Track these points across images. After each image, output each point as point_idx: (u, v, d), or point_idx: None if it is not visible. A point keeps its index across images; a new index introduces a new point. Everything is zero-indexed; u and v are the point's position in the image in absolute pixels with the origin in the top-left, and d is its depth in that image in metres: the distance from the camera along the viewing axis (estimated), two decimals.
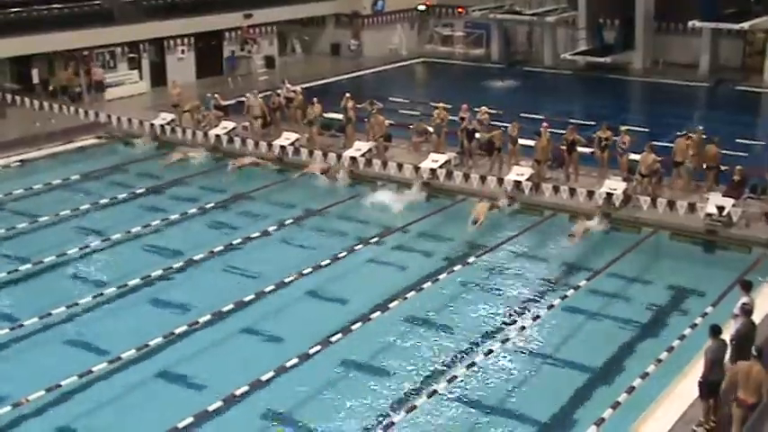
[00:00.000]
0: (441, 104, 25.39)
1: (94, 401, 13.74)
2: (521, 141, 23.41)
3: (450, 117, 24.86)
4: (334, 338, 15.29)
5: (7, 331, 15.60)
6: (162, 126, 27.33)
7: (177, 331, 15.59)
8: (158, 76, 33.96)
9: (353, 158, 24.02)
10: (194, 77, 34.97)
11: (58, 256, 18.93)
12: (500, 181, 22.07)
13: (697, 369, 12.66)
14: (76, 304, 16.63)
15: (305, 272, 18.03)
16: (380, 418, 13.19)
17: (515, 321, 16.26)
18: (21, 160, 25.68)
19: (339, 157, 24.04)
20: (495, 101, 28.10)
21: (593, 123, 24.79)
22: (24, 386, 13.60)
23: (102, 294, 17.14)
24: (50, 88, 30.79)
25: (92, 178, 24.40)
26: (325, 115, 26.84)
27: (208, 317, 16.09)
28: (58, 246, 19.40)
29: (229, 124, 26.84)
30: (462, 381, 14.20)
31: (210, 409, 13.14)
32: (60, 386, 13.72)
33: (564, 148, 22.47)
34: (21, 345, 15.45)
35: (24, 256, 18.97)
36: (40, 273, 18.36)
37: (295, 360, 14.53)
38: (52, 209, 21.72)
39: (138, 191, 23.28)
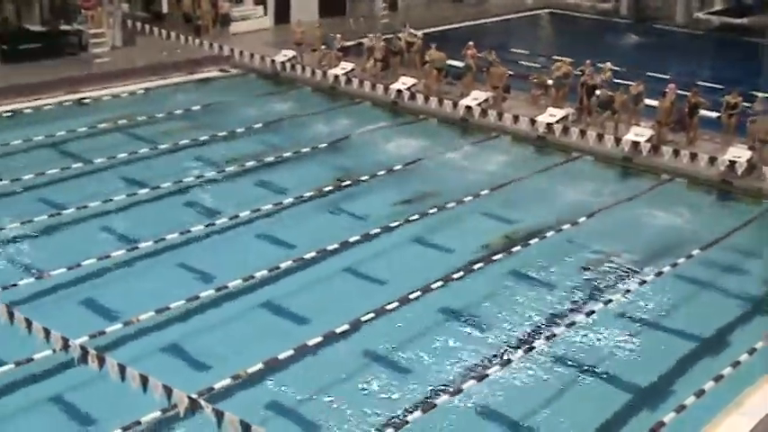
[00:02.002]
0: (563, 59, 24.83)
1: (200, 326, 14.22)
2: (642, 102, 22.73)
3: (576, 73, 24.32)
4: (434, 285, 15.36)
5: (123, 252, 16.29)
6: (282, 63, 27.67)
7: (282, 266, 15.94)
8: (282, 13, 34.26)
9: (469, 107, 23.80)
10: (317, 16, 35.11)
11: (174, 183, 19.58)
12: (617, 141, 21.52)
13: None
14: (189, 231, 17.20)
15: (411, 218, 18.11)
16: (474, 369, 13.23)
17: (620, 284, 15.96)
18: (146, 88, 26.48)
19: (455, 105, 23.85)
20: (620, 58, 27.28)
21: (721, 87, 23.79)
22: (136, 306, 14.20)
23: (213, 224, 17.66)
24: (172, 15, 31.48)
25: (211, 110, 24.97)
26: (445, 62, 26.59)
27: (313, 254, 16.40)
28: (175, 173, 20.05)
29: (348, 65, 26.97)
30: (561, 339, 14.07)
31: (310, 343, 13.45)
32: (169, 308, 14.27)
33: (687, 110, 21.71)
34: (135, 266, 16.09)
35: (143, 181, 19.68)
36: (157, 198, 19.02)
37: (395, 304, 14.70)
38: (172, 137, 22.40)
39: (256, 126, 23.72)
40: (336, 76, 26.48)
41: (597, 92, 23.30)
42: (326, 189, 19.62)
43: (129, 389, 10.92)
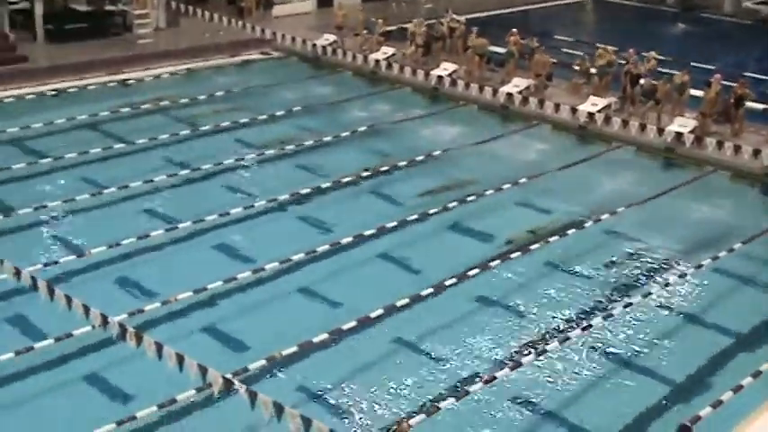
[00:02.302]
0: (606, 47, 24.53)
1: (237, 307, 14.34)
2: (687, 92, 22.39)
3: (619, 61, 24.01)
4: (470, 273, 15.32)
5: (163, 232, 16.45)
6: (324, 46, 27.68)
7: (319, 250, 16.00)
8: None
9: (509, 95, 23.62)
10: (359, 0, 35.04)
11: (214, 164, 19.70)
12: (660, 131, 21.23)
13: None
14: (228, 213, 17.32)
15: (449, 205, 18.06)
16: (509, 358, 13.19)
17: (659, 277, 15.79)
18: (188, 69, 26.65)
19: (495, 92, 23.69)
20: (665, 46, 26.87)
21: None
22: (174, 285, 14.35)
23: (252, 206, 17.75)
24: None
25: (252, 93, 25.06)
26: (487, 48, 26.41)
27: (349, 239, 16.43)
28: (214, 155, 20.17)
29: (389, 50, 26.90)
30: (597, 330, 13.97)
31: (344, 328, 13.49)
32: (207, 289, 14.40)
33: (732, 102, 21.34)
34: (174, 246, 16.25)
35: (184, 162, 19.85)
36: (196, 179, 19.17)
37: (430, 290, 14.69)
38: (212, 119, 22.54)
39: (295, 109, 23.77)
40: (377, 61, 26.42)
41: (641, 81, 22.99)
42: (365, 174, 19.62)
43: (165, 367, 11.06)
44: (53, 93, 23.89)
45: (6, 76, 24.13)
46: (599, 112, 22.33)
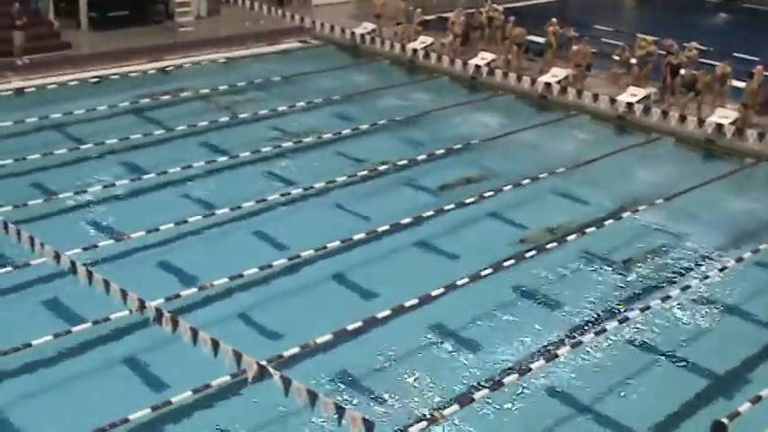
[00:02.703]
0: (647, 37, 24.11)
1: (272, 293, 14.28)
2: (729, 83, 21.93)
3: (659, 51, 23.60)
4: (506, 263, 15.11)
5: (200, 218, 16.44)
6: (362, 35, 27.53)
7: (355, 238, 15.89)
8: None
9: (548, 84, 23.30)
10: None
11: (252, 152, 19.67)
12: (701, 122, 20.80)
13: None
14: (264, 200, 17.26)
15: (486, 194, 17.85)
16: (544, 349, 12.98)
17: (698, 269, 15.46)
18: (227, 57, 26.66)
19: (533, 81, 23.37)
20: (707, 37, 26.35)
21: None
22: (210, 271, 14.32)
23: (289, 193, 17.69)
24: None
25: (291, 81, 25.01)
26: (526, 38, 26.12)
27: (386, 227, 16.30)
28: (253, 143, 20.14)
29: (427, 39, 26.69)
30: (634, 323, 13.70)
31: (379, 316, 13.36)
32: (242, 275, 14.34)
33: None
34: (211, 232, 16.22)
35: (223, 149, 19.84)
36: (235, 166, 19.15)
37: (466, 279, 14.52)
38: (251, 107, 22.53)
39: (333, 97, 23.68)
40: (415, 50, 26.23)
41: (681, 71, 22.55)
42: (401, 162, 19.47)
43: (200, 352, 11.02)
44: (95, 79, 24.03)
45: (51, 62, 24.34)
46: (638, 102, 21.95)
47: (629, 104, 21.92)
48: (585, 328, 13.59)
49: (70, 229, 15.91)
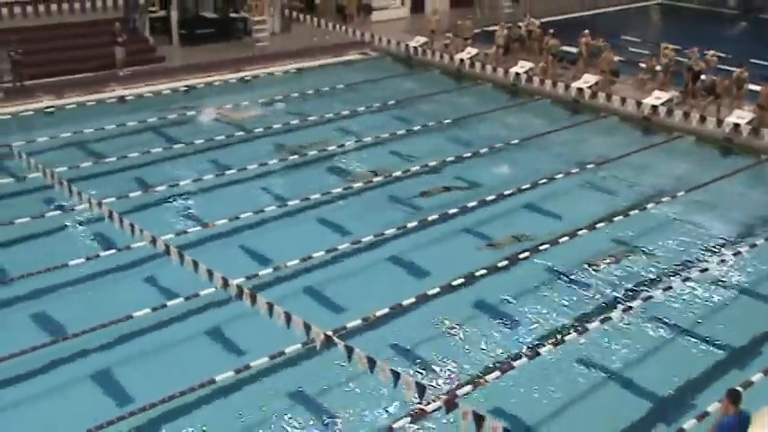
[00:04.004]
0: (669, 45, 23.65)
1: (337, 273, 14.38)
2: (746, 86, 21.37)
3: (679, 58, 23.14)
4: (542, 248, 15.01)
5: (275, 207, 16.64)
6: (415, 47, 27.47)
7: (409, 225, 15.93)
8: (417, 4, 34.02)
9: (580, 89, 23.00)
10: (448, 6, 34.69)
11: (319, 150, 19.81)
12: (719, 122, 20.34)
13: None
14: (329, 192, 17.39)
15: (522, 187, 17.73)
16: (575, 324, 12.89)
17: (716, 254, 15.16)
18: (298, 68, 26.84)
19: (567, 87, 23.08)
20: (726, 46, 25.71)
21: None
22: (284, 253, 14.52)
23: (351, 187, 17.79)
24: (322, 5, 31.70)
25: (353, 89, 25.08)
26: (561, 48, 25.82)
27: (435, 216, 16.31)
28: (320, 142, 20.27)
29: (473, 50, 26.53)
30: (658, 302, 13.52)
31: (430, 293, 13.41)
32: (312, 257, 14.51)
33: None
34: (284, 220, 16.39)
35: (293, 149, 20.01)
36: (304, 163, 19.30)
37: (505, 262, 14.47)
38: (318, 111, 22.65)
39: (389, 102, 23.70)
40: (462, 60, 26.09)
41: (702, 77, 22.06)
42: (449, 159, 19.42)
43: (275, 324, 11.19)
44: (185, 88, 24.37)
45: (147, 74, 24.77)
46: (662, 105, 21.54)
47: (654, 107, 21.52)
48: (613, 305, 13.44)
49: (164, 217, 16.21)
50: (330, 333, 10.91)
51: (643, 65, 24.14)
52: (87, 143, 19.95)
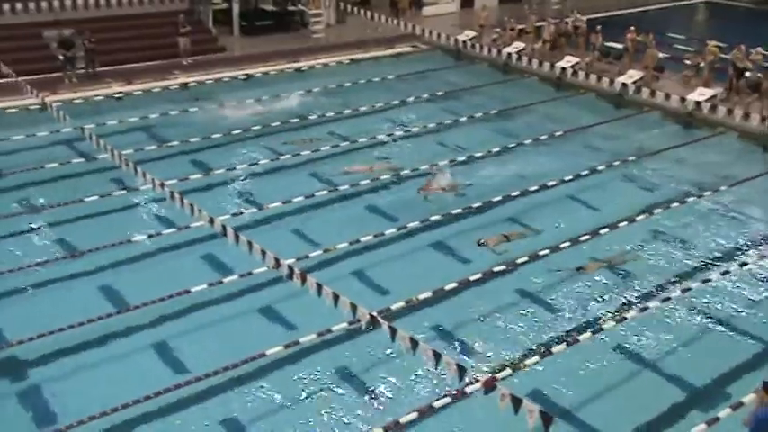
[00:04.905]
0: (714, 42, 22.98)
1: (383, 257, 14.32)
2: None
3: (724, 56, 22.46)
4: (583, 238, 14.76)
5: (326, 192, 16.65)
6: (464, 41, 27.17)
7: (453, 212, 15.80)
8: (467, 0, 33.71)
9: (624, 85, 22.49)
10: (497, 2, 34.24)
11: (369, 139, 19.75)
12: (763, 119, 19.68)
13: None
14: (378, 179, 17.32)
15: (566, 178, 17.43)
16: (615, 312, 12.66)
17: (755, 248, 14.71)
18: (351, 59, 26.78)
19: (612, 81, 22.58)
20: None
21: None
22: (333, 236, 14.53)
23: (398, 175, 17.67)
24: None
25: (403, 80, 24.93)
26: (606, 44, 25.32)
27: (479, 204, 16.16)
28: (370, 131, 20.20)
29: (520, 44, 26.14)
30: (695, 293, 13.19)
31: (472, 278, 13.31)
32: (359, 241, 14.50)
33: None
34: (334, 205, 16.38)
35: (345, 136, 19.99)
36: (354, 150, 19.22)
37: (547, 251, 14.26)
38: (369, 101, 22.57)
39: (438, 93, 23.50)
40: (509, 54, 25.72)
41: (746, 74, 21.36)
42: (495, 150, 19.19)
43: (323, 303, 11.20)
44: (244, 77, 24.51)
45: (209, 63, 24.98)
46: (706, 101, 20.93)
47: (698, 103, 20.93)
48: (652, 295, 13.16)
49: (222, 199, 16.34)
50: (375, 313, 10.88)
51: (688, 61, 23.49)
52: (152, 127, 20.22)
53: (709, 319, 12.64)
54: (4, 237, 14.50)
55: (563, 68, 24.09)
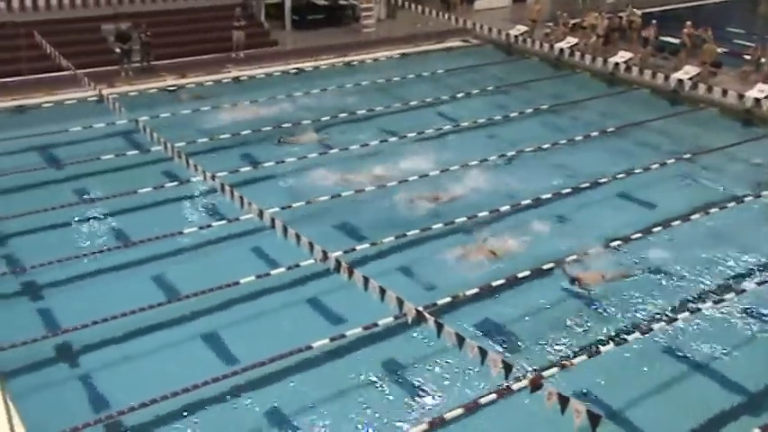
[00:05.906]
0: None
1: (430, 252, 14.23)
2: None
3: None
4: (634, 237, 14.47)
5: (374, 188, 16.56)
6: (515, 36, 26.86)
7: (501, 209, 15.65)
8: None
9: (680, 81, 21.95)
10: None
11: (417, 133, 19.68)
12: None
13: None
14: (427, 175, 17.21)
15: (618, 176, 17.11)
16: (664, 314, 12.38)
17: None
18: (401, 54, 26.72)
19: (667, 77, 22.08)
20: None
21: None
22: (382, 231, 14.52)
23: (447, 170, 17.54)
24: None
25: (453, 74, 24.79)
26: (662, 39, 24.76)
27: (529, 201, 15.97)
28: (419, 126, 20.11)
29: (573, 39, 25.73)
30: (751, 295, 12.83)
31: (520, 276, 13.17)
32: (406, 235, 14.48)
33: None
34: (382, 200, 16.18)
35: (392, 131, 19.94)
36: (403, 144, 19.15)
37: (599, 248, 14.03)
38: (419, 95, 22.48)
39: (488, 88, 23.31)
40: (561, 49, 25.32)
41: None
42: (545, 146, 18.94)
43: (369, 297, 11.18)
44: (295, 71, 24.67)
45: (261, 56, 25.20)
46: (765, 97, 20.28)
47: (757, 100, 20.31)
48: (705, 297, 12.85)
49: (271, 192, 16.39)
50: (421, 308, 10.83)
51: (747, 57, 22.81)
52: (202, 119, 20.47)
53: (764, 322, 12.25)
54: (62, 225, 14.87)
55: (616, 64, 23.63)
